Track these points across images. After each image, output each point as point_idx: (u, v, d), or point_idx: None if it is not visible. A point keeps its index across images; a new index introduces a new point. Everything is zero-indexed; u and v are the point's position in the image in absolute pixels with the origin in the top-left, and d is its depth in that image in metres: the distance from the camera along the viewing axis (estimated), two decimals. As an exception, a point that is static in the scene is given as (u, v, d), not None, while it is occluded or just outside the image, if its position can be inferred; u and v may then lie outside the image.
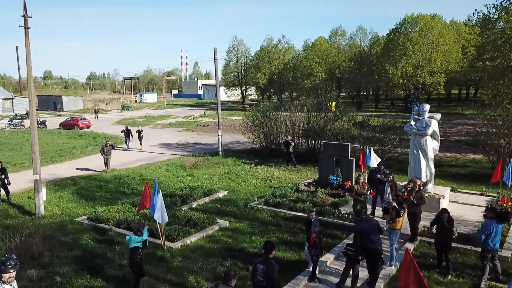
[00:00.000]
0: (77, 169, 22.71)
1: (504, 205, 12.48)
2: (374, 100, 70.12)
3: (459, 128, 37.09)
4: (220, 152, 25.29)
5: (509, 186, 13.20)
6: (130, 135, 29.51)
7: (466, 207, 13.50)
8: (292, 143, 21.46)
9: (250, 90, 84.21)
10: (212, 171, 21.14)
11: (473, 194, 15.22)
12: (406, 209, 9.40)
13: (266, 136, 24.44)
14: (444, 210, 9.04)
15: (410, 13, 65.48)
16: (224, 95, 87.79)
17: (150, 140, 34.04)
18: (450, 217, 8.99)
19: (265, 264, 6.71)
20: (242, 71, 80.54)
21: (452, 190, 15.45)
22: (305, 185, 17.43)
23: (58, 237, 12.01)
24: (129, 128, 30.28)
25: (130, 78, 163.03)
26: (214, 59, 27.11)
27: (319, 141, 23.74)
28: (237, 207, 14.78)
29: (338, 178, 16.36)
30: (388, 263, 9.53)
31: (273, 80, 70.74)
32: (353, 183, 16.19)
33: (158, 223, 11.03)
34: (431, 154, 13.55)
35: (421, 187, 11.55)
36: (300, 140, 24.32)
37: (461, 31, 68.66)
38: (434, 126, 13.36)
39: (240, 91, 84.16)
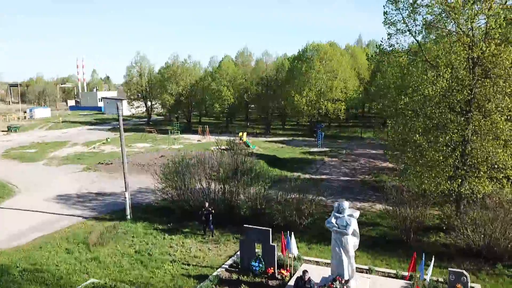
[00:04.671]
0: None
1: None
2: (281, 119, 72.33)
3: (362, 163, 39.50)
4: (128, 216, 23.18)
5: (421, 279, 13.93)
6: None
7: (385, 301, 13.89)
8: (213, 211, 20.38)
9: (156, 104, 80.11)
10: (120, 248, 19.12)
11: (388, 276, 15.79)
12: None
13: (180, 198, 23.04)
14: None
15: (311, 41, 69.16)
16: (128, 111, 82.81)
17: (45, 190, 30.15)
18: None
19: None
20: (147, 89, 76.94)
21: (369, 271, 15.90)
22: (226, 270, 16.59)
23: None
24: None
25: (17, 85, 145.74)
26: (117, 106, 24.86)
27: (237, 198, 23.00)
28: (154, 319, 13.31)
29: (261, 265, 15.81)
30: None
31: (181, 101, 68.76)
32: (276, 268, 15.92)
33: None
34: (352, 252, 13.70)
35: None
36: (216, 189, 23.12)
37: (356, 55, 74.52)
38: (354, 225, 13.53)
39: (145, 107, 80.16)
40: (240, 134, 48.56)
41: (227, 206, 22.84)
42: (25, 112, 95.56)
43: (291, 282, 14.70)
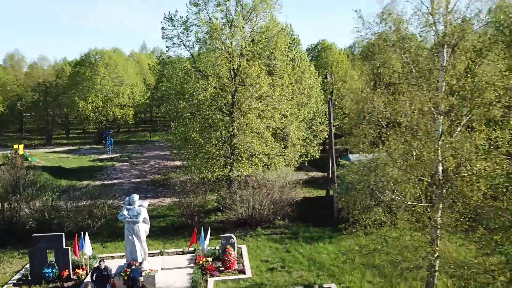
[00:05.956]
0: None
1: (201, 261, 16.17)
2: (64, 127, 67.23)
3: (152, 164, 41.60)
4: None
5: (203, 250, 17.01)
6: None
7: (175, 273, 16.32)
8: None
9: None
10: None
11: (177, 254, 18.38)
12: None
13: None
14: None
15: (94, 47, 67.46)
16: None
17: None
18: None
19: None
20: None
21: (160, 254, 18.13)
22: (14, 284, 15.89)
23: None
24: None
25: None
26: None
27: (20, 213, 21.56)
28: None
29: (54, 270, 15.92)
30: None
31: None
32: (71, 270, 16.27)
33: None
34: (143, 237, 15.58)
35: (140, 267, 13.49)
36: None
37: (141, 62, 76.39)
38: (144, 213, 15.45)
39: None
40: (16, 146, 43.46)
41: (6, 224, 21.24)
42: None
43: (88, 279, 15.47)
